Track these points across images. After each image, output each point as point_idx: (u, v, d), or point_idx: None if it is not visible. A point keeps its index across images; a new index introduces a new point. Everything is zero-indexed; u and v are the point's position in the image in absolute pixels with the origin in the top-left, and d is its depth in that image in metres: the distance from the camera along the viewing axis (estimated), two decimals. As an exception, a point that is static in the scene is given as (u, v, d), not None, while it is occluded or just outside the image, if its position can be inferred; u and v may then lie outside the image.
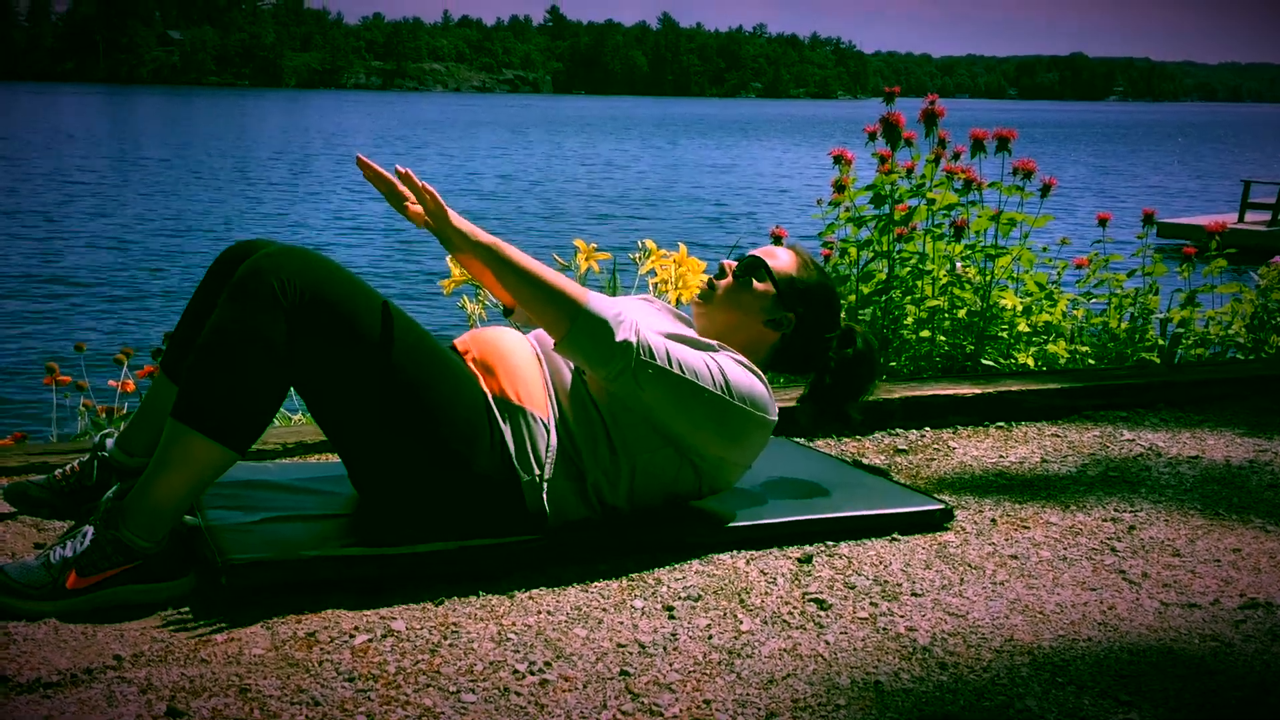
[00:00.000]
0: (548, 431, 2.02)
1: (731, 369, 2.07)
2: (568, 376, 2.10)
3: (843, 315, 2.37)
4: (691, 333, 2.22)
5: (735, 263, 2.30)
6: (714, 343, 2.17)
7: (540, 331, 2.18)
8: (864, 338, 2.34)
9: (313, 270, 1.89)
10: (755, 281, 2.26)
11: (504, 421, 2.00)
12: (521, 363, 2.08)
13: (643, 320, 2.06)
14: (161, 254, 14.42)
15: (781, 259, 2.28)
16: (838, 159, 3.93)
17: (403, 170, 1.94)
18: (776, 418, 2.15)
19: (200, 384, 1.82)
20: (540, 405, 2.04)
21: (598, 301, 1.97)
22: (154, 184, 22.99)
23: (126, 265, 13.59)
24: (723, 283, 2.29)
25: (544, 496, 2.01)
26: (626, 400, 2.02)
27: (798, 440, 2.80)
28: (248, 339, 1.83)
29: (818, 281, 2.29)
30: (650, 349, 1.98)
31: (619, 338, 1.95)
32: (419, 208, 1.97)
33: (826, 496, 2.34)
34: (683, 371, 2.00)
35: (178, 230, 16.58)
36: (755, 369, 2.14)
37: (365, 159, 1.98)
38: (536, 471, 2.00)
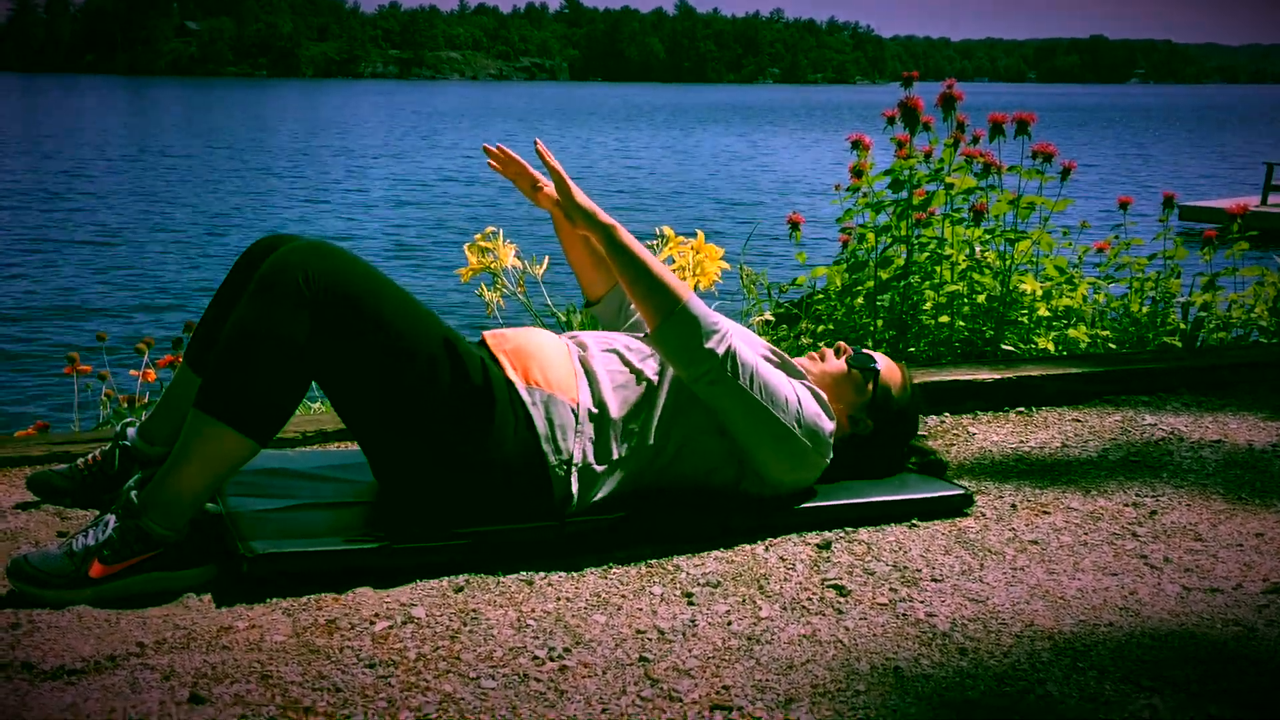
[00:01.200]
0: (575, 416, 2.04)
1: (809, 402, 2.17)
2: (616, 363, 2.15)
3: (918, 440, 2.49)
4: (786, 356, 2.30)
5: (850, 350, 2.38)
6: (810, 376, 2.28)
7: (580, 334, 2.25)
8: (936, 459, 2.45)
9: (337, 265, 1.90)
10: (859, 376, 2.33)
11: (531, 407, 2.02)
12: (549, 352, 2.11)
13: (742, 336, 2.14)
14: (186, 246, 14.48)
15: (885, 370, 2.37)
16: (856, 144, 3.91)
17: (540, 145, 2.09)
18: (829, 462, 2.22)
19: (224, 375, 1.84)
20: (568, 391, 2.06)
21: (700, 305, 2.06)
22: (179, 175, 23.09)
23: (152, 256, 13.66)
24: (834, 362, 2.36)
25: (570, 481, 2.02)
26: (701, 396, 2.09)
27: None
28: (272, 332, 1.84)
29: (909, 405, 2.40)
30: (737, 366, 2.06)
31: (708, 345, 2.04)
32: (548, 191, 2.17)
33: (845, 483, 2.34)
34: (760, 396, 2.09)
35: (204, 222, 16.65)
36: (829, 412, 2.22)
37: (496, 146, 2.23)
38: (563, 456, 2.02)
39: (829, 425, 2.20)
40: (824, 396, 2.24)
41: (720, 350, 2.05)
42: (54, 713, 1.44)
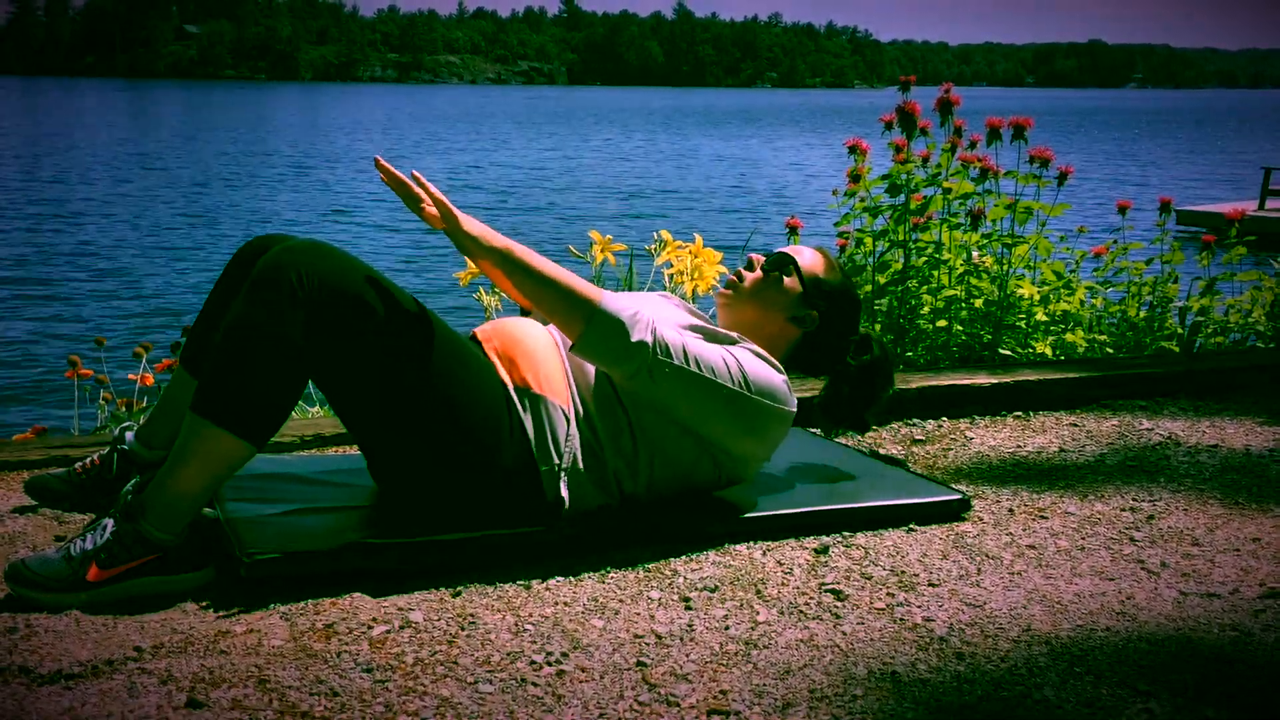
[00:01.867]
0: (568, 420, 2.03)
1: (750, 362, 2.09)
2: (589, 367, 2.11)
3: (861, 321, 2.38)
4: (710, 325, 2.24)
5: (763, 257, 2.32)
6: (734, 335, 2.19)
7: None
8: (880, 344, 2.37)
9: (331, 264, 1.89)
10: (783, 277, 2.27)
11: (524, 410, 2.01)
12: (542, 352, 2.09)
13: (660, 316, 2.07)
14: (185, 249, 14.48)
15: (808, 258, 2.31)
16: (853, 149, 3.91)
17: (415, 175, 1.97)
18: (795, 409, 2.16)
19: (220, 378, 1.83)
20: (561, 394, 2.05)
21: (613, 301, 1.98)
22: (177, 179, 23.08)
23: (149, 258, 13.65)
24: (750, 276, 2.30)
25: (563, 485, 2.01)
26: (644, 395, 2.03)
27: (814, 431, 2.80)
28: (267, 333, 1.83)
29: (842, 283, 2.33)
30: (667, 347, 2.00)
31: (634, 337, 1.97)
32: (433, 210, 1.99)
33: (843, 487, 2.34)
34: (699, 369, 2.02)
35: (199, 223, 16.64)
36: (774, 361, 2.15)
37: (383, 162, 2.00)
38: (556, 460, 2.01)
39: (779, 377, 2.13)
40: (761, 350, 2.16)
41: (649, 338, 1.97)
42: (52, 717, 1.44)
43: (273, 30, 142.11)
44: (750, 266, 2.32)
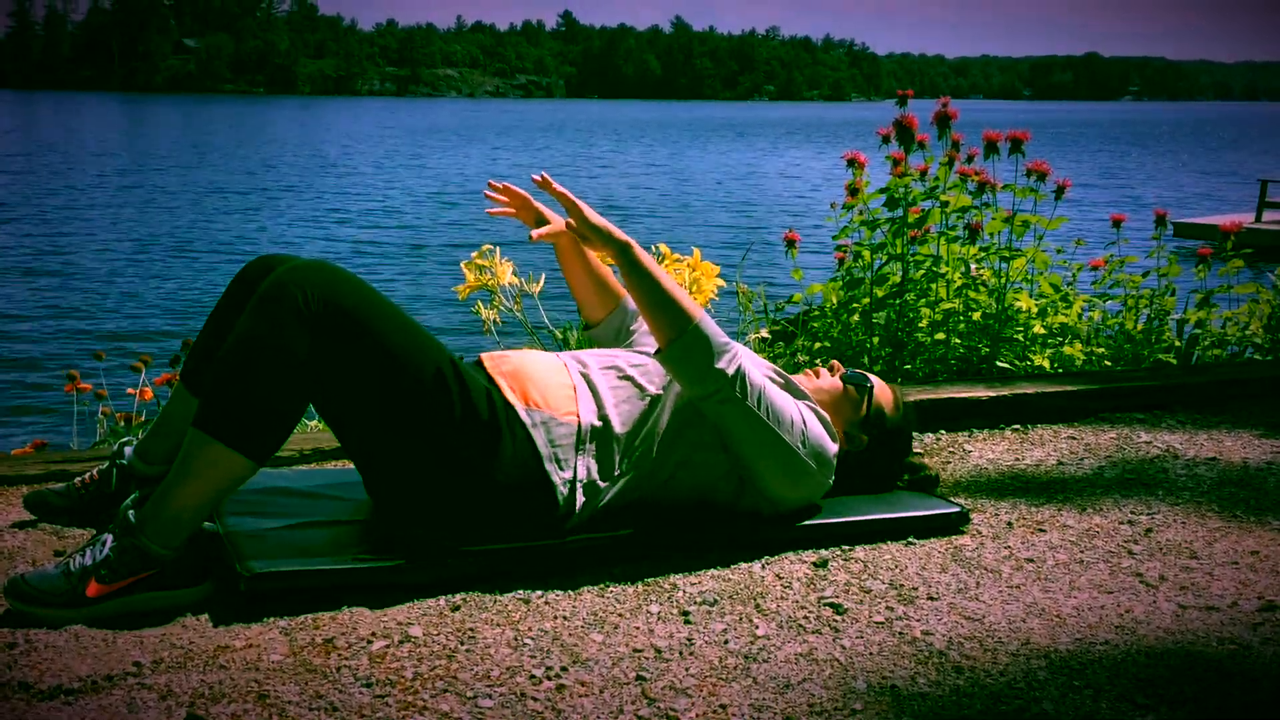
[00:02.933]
0: (579, 434, 2.05)
1: (813, 424, 2.19)
2: (617, 380, 2.16)
3: (912, 457, 2.51)
4: (789, 377, 2.32)
5: (844, 369, 2.43)
6: (809, 393, 2.30)
7: (579, 353, 2.26)
8: (928, 475, 2.48)
9: (335, 284, 1.91)
10: (854, 393, 2.36)
11: (531, 428, 2.03)
12: (547, 373, 2.12)
13: (748, 358, 2.14)
14: (184, 264, 14.49)
15: (879, 389, 2.41)
16: (851, 162, 3.93)
17: (541, 176, 2.13)
18: (832, 483, 2.25)
19: (223, 394, 1.84)
20: (566, 410, 2.07)
21: (711, 325, 2.08)
22: (175, 194, 23.11)
23: (149, 274, 13.66)
24: (829, 378, 2.40)
25: (574, 497, 2.03)
26: (708, 414, 2.10)
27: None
28: (271, 351, 1.84)
29: (900, 425, 2.42)
30: (746, 386, 2.08)
31: (719, 364, 2.05)
32: (553, 224, 2.25)
33: (841, 500, 2.34)
34: (767, 417, 2.11)
35: (201, 241, 16.65)
36: (832, 433, 2.25)
37: (503, 187, 2.31)
38: (566, 474, 2.02)
39: (833, 446, 2.22)
40: (827, 418, 2.26)
41: (730, 370, 2.06)
42: (51, 733, 1.44)
43: (271, 44, 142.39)
44: (832, 371, 2.42)
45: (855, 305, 3.87)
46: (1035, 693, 1.64)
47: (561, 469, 2.03)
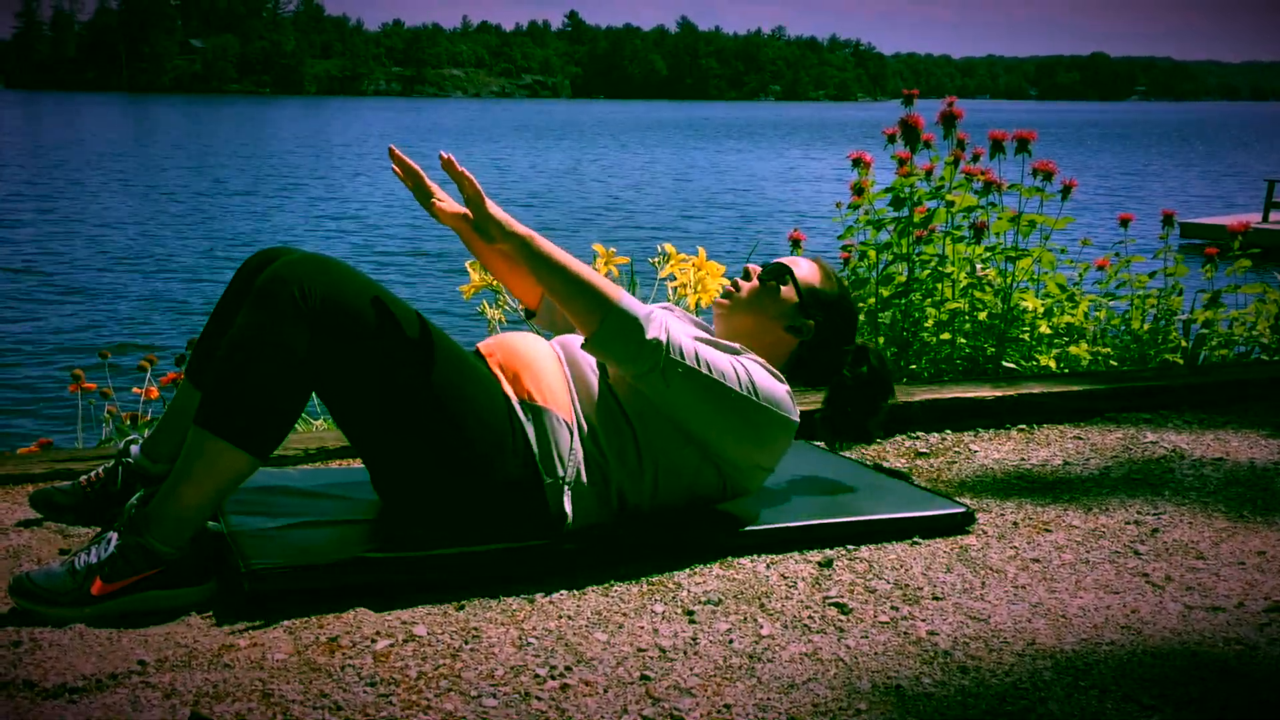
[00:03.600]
0: (571, 434, 2.04)
1: (756, 371, 2.11)
2: (592, 379, 2.12)
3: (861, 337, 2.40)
4: (714, 337, 2.25)
5: (760, 267, 2.33)
6: (737, 346, 2.20)
7: (563, 338, 2.21)
8: (877, 354, 2.38)
9: (333, 277, 1.90)
10: (780, 286, 2.28)
11: (528, 424, 2.02)
12: (545, 366, 2.10)
13: (673, 322, 2.08)
14: (189, 262, 14.51)
15: (805, 268, 2.33)
16: (857, 162, 3.92)
17: (445, 156, 1.96)
18: (798, 419, 2.17)
19: (223, 391, 1.84)
20: (564, 408, 2.05)
21: (629, 300, 2.00)
22: (180, 193, 23.15)
23: (153, 271, 13.69)
24: (747, 285, 2.32)
25: (566, 499, 2.02)
26: (653, 398, 2.04)
27: (818, 444, 2.80)
28: (269, 346, 1.84)
29: (838, 293, 2.34)
30: (680, 349, 2.01)
31: (649, 335, 1.98)
32: (445, 205, 2.03)
33: (847, 500, 2.34)
34: (710, 372, 2.03)
35: (207, 238, 16.68)
36: (777, 372, 2.17)
37: (397, 150, 2.03)
38: (560, 474, 2.01)
39: (782, 387, 2.14)
40: (764, 362, 2.17)
41: (662, 337, 1.99)
42: (55, 731, 1.45)
43: (277, 44, 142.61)
44: (747, 276, 2.33)
45: (861, 305, 3.87)
46: (1040, 693, 1.63)
47: (553, 470, 2.01)
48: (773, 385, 2.12)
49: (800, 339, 2.29)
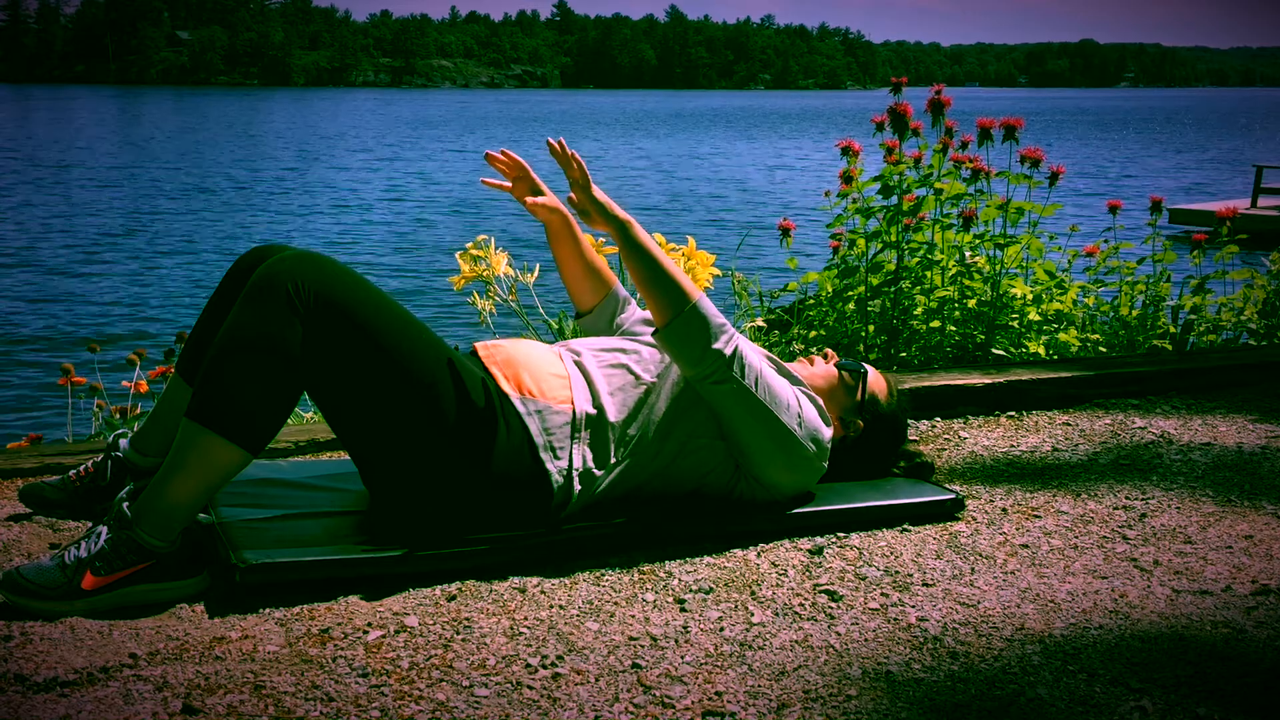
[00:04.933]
0: (573, 422, 2.05)
1: (808, 408, 2.20)
2: (615, 367, 2.15)
3: (907, 445, 2.53)
4: (781, 362, 2.32)
5: (838, 356, 2.44)
6: (803, 379, 2.30)
7: (573, 341, 2.25)
8: (922, 460, 2.49)
9: (326, 274, 1.91)
10: (849, 379, 2.37)
11: (526, 417, 2.03)
12: (540, 361, 2.12)
13: (745, 342, 2.15)
14: (178, 257, 14.47)
15: (874, 377, 2.42)
16: (845, 150, 3.92)
17: (554, 141, 2.13)
18: (826, 469, 2.25)
19: (215, 385, 1.84)
20: (561, 399, 2.07)
21: (708, 305, 2.08)
22: (169, 187, 23.06)
23: (143, 264, 13.65)
24: (824, 365, 2.41)
25: (570, 486, 2.04)
26: (706, 398, 2.11)
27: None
28: (263, 342, 1.84)
29: (893, 411, 2.42)
30: (744, 367, 2.09)
31: (716, 345, 2.06)
32: (541, 200, 2.26)
33: (837, 488, 2.35)
34: (764, 398, 2.11)
35: (197, 233, 16.63)
36: (826, 419, 2.24)
37: (501, 152, 2.27)
38: (562, 462, 2.03)
39: (828, 431, 2.22)
40: (821, 403, 2.26)
41: (728, 351, 2.06)
42: (47, 725, 1.45)
43: (265, 36, 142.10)
44: (826, 358, 2.43)
45: (850, 293, 3.88)
46: (1029, 677, 1.64)
47: (556, 458, 2.03)
48: (819, 426, 2.20)
49: (845, 433, 2.37)
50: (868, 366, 2.41)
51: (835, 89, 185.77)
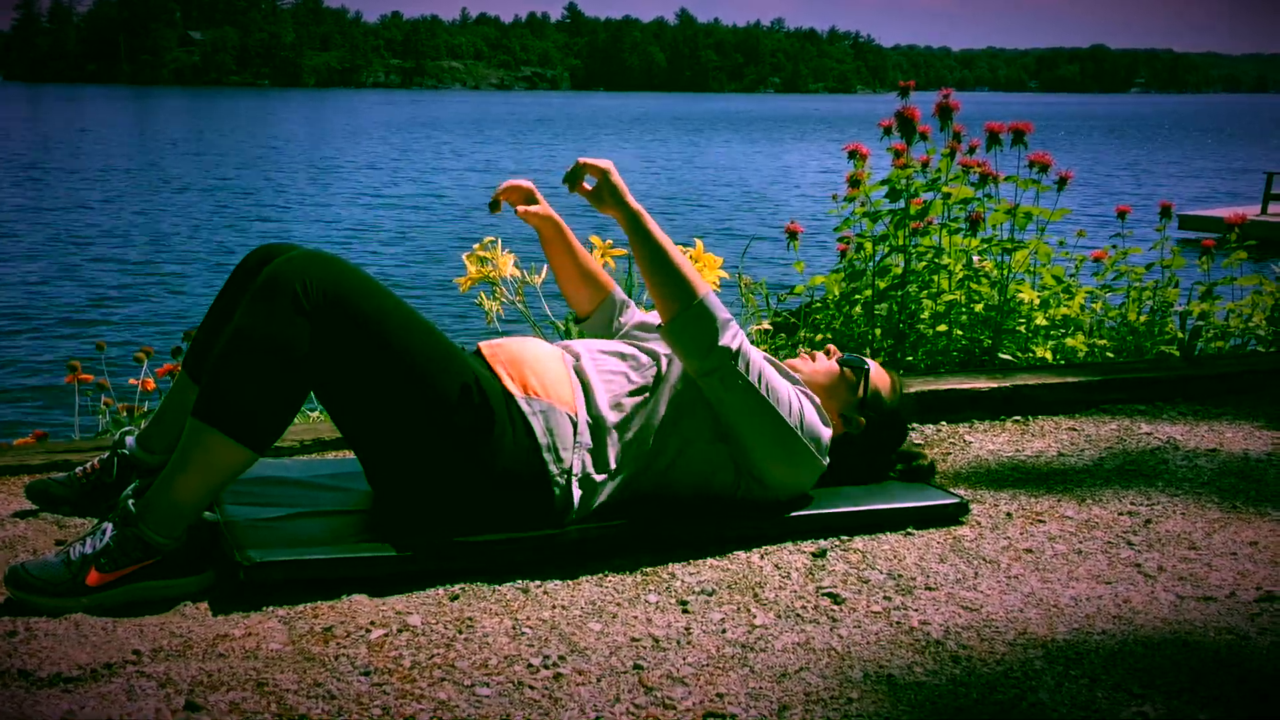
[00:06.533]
0: (574, 426, 2.05)
1: (809, 407, 2.20)
2: (614, 371, 2.15)
3: (907, 443, 2.51)
4: (779, 362, 2.32)
5: (840, 352, 2.43)
6: (798, 377, 2.30)
7: (572, 341, 2.25)
8: (923, 462, 2.47)
9: (334, 274, 1.91)
10: (851, 375, 2.36)
11: (530, 417, 2.03)
12: (546, 362, 2.12)
13: (746, 340, 2.15)
14: (186, 255, 14.51)
15: (877, 373, 2.41)
16: (853, 154, 3.92)
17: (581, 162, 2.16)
18: (826, 466, 2.24)
19: (222, 384, 1.84)
20: (565, 401, 2.07)
21: (715, 300, 2.08)
22: (177, 186, 23.12)
23: (151, 265, 13.68)
24: (825, 360, 2.40)
25: (570, 490, 2.03)
26: (708, 395, 2.10)
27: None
28: (269, 341, 1.85)
29: (895, 408, 2.41)
30: (748, 363, 2.08)
31: (722, 341, 2.05)
32: (533, 209, 2.34)
33: (841, 490, 2.35)
34: (767, 394, 2.10)
35: (205, 231, 16.67)
36: (825, 419, 2.24)
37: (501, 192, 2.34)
38: (563, 465, 2.03)
39: (827, 431, 2.22)
40: (819, 403, 2.26)
41: (734, 346, 2.06)
42: (50, 720, 1.45)
43: (276, 36, 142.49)
44: (828, 353, 2.42)
45: (857, 297, 3.87)
46: (1031, 682, 1.64)
47: (559, 461, 2.03)
48: (819, 427, 2.20)
49: (847, 430, 2.36)
50: (870, 361, 2.41)
51: (845, 93, 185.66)
